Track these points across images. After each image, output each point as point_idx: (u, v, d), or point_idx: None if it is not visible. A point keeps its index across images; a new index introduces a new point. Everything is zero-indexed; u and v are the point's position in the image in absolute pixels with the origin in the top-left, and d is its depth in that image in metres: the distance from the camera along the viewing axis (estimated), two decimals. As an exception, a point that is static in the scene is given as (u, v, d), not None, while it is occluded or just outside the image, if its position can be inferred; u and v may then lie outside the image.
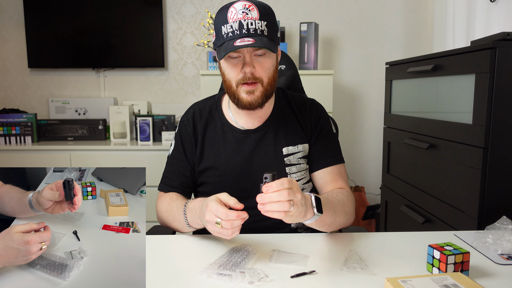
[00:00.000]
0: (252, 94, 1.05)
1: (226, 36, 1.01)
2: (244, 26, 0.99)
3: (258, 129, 1.15)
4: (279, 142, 1.15)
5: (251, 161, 1.14)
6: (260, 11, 1.01)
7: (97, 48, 2.81)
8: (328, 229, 1.04)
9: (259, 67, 1.04)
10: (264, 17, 1.01)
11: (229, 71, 1.06)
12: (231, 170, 1.14)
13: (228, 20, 1.01)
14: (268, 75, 1.06)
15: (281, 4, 2.80)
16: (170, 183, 1.18)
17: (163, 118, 2.67)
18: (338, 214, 1.03)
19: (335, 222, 1.03)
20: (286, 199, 0.81)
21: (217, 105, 1.20)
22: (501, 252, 0.91)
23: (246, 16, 1.00)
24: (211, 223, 0.89)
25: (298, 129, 1.17)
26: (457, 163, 1.42)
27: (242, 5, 1.01)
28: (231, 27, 1.00)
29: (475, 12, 2.07)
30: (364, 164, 2.95)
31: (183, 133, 1.19)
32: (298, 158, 1.16)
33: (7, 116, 2.61)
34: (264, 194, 0.82)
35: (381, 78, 2.75)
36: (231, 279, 0.78)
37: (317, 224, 0.98)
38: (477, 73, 1.31)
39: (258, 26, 1.00)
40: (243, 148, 1.15)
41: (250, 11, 1.00)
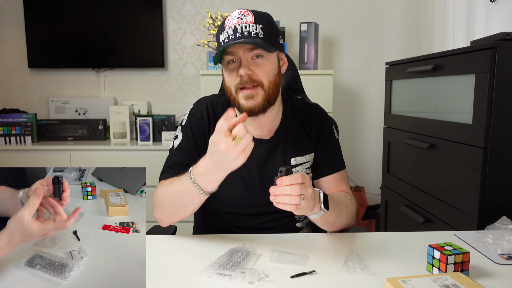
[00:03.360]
0: (252, 99, 1.01)
1: (223, 43, 1.01)
2: (238, 30, 0.99)
3: (271, 140, 1.13)
4: (288, 153, 1.14)
5: (261, 171, 1.13)
6: (256, 16, 1.01)
7: (97, 48, 2.81)
8: (330, 228, 1.06)
9: (257, 70, 1.01)
10: (259, 21, 1.01)
11: (227, 78, 1.05)
12: (242, 177, 1.11)
13: (224, 27, 1.01)
14: (269, 79, 1.03)
15: (281, 4, 2.81)
16: (175, 174, 1.06)
17: (163, 118, 2.67)
18: (342, 214, 1.06)
19: (338, 221, 1.05)
20: (298, 194, 0.85)
21: (230, 105, 1.12)
22: (501, 252, 0.91)
23: (241, 21, 1.00)
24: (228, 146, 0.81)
25: (305, 139, 1.16)
26: (457, 163, 1.42)
27: (238, 12, 1.02)
28: (227, 33, 1.00)
29: (475, 12, 2.07)
30: (364, 164, 2.94)
31: (195, 127, 1.12)
32: (306, 168, 1.16)
33: (7, 116, 2.61)
34: (277, 187, 0.86)
35: (381, 78, 2.75)
36: (231, 279, 0.78)
37: (321, 221, 1.00)
38: (477, 73, 1.30)
39: (253, 28, 0.99)
40: (255, 156, 1.09)
41: (245, 16, 1.01)
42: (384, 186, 2.10)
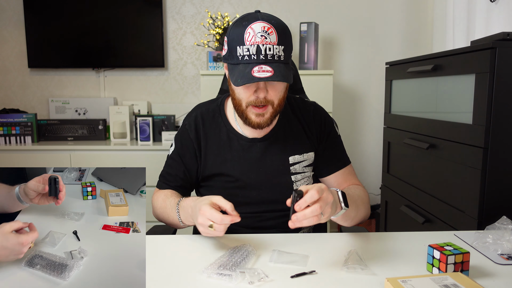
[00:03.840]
0: (262, 116, 1.05)
1: (241, 58, 0.98)
2: (262, 51, 0.96)
3: (265, 138, 1.15)
4: (285, 151, 1.15)
5: (258, 170, 1.14)
6: (279, 34, 0.97)
7: (97, 48, 2.81)
8: (350, 223, 1.07)
9: (271, 91, 1.02)
10: (282, 41, 0.98)
11: (240, 91, 1.04)
12: (237, 178, 1.13)
13: (245, 42, 0.97)
14: (279, 97, 1.05)
15: (281, 4, 2.81)
16: (167, 182, 1.19)
17: (163, 118, 2.67)
18: (360, 208, 1.08)
19: (358, 215, 1.07)
20: (319, 213, 0.82)
21: (221, 110, 1.18)
22: (501, 252, 0.91)
23: (265, 40, 0.96)
24: (203, 225, 0.90)
25: (303, 138, 1.17)
26: (457, 163, 1.42)
27: (261, 28, 0.96)
28: (248, 50, 0.96)
29: (475, 12, 2.07)
30: (364, 164, 2.94)
31: (184, 138, 1.18)
32: (304, 167, 1.16)
33: (7, 116, 2.61)
34: (298, 213, 0.82)
35: (381, 78, 2.75)
36: (231, 279, 0.78)
37: (343, 218, 1.00)
38: (477, 73, 1.30)
39: (276, 51, 0.97)
40: (249, 156, 1.14)
41: (269, 34, 0.96)
42: (384, 186, 2.10)
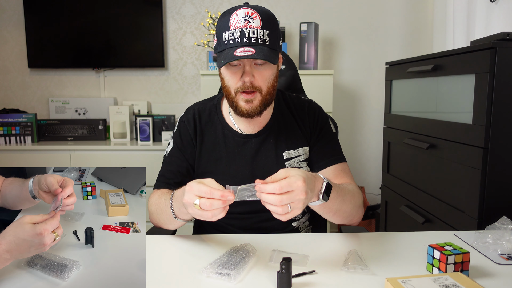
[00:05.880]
0: (251, 103, 1.05)
1: (227, 43, 1.00)
2: (245, 34, 0.98)
3: (259, 134, 1.15)
4: (279, 146, 1.15)
5: (253, 166, 1.14)
6: (263, 19, 1.00)
7: (97, 48, 2.81)
8: (333, 217, 1.01)
9: (258, 77, 1.03)
10: (266, 25, 1.00)
11: (228, 78, 1.05)
12: (232, 175, 1.14)
13: (229, 27, 0.99)
14: (267, 84, 1.05)
15: (281, 4, 2.81)
16: (167, 181, 1.15)
17: (163, 118, 2.67)
18: (346, 203, 1.00)
19: (342, 210, 1.00)
20: (279, 204, 0.78)
21: (217, 108, 1.19)
22: (501, 252, 0.91)
23: (248, 24, 0.98)
24: (189, 204, 0.82)
25: (298, 133, 1.17)
26: (457, 163, 1.42)
27: (245, 13, 0.99)
28: (233, 34, 0.99)
29: (475, 12, 2.07)
30: (364, 164, 2.95)
31: (183, 133, 1.18)
32: (299, 162, 1.16)
33: (7, 116, 2.61)
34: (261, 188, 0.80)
35: (381, 78, 2.75)
36: (230, 279, 0.78)
37: (321, 209, 0.96)
38: (477, 73, 1.31)
39: (260, 35, 0.99)
40: (244, 152, 1.14)
41: (253, 19, 0.99)
42: (384, 186, 2.10)
